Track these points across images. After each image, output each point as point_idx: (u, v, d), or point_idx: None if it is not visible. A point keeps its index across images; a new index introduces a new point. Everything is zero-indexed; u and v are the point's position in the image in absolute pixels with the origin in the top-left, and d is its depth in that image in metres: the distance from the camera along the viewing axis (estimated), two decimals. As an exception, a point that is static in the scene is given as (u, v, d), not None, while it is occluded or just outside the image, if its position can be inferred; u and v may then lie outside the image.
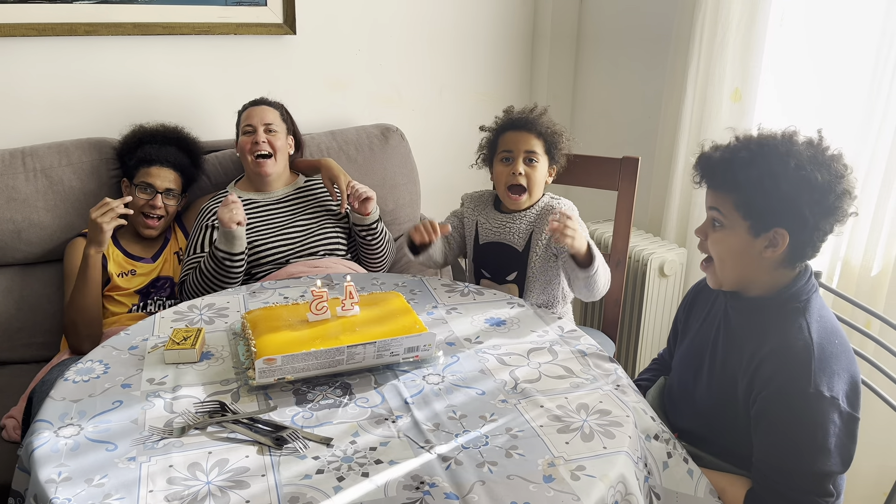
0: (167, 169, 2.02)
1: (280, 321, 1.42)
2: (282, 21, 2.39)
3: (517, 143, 1.80)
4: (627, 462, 1.15)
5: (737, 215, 1.27)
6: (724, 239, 1.30)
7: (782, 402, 1.22)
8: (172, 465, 1.11)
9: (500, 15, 2.75)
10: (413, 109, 2.72)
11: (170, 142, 2.08)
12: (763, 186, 1.23)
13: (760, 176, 1.23)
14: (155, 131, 2.10)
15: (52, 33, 2.12)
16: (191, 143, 2.14)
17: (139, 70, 2.28)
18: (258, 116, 2.06)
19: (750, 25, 2.07)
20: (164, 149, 2.04)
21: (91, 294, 1.82)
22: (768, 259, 1.27)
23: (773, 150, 1.24)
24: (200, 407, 1.25)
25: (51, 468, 1.09)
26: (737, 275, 1.32)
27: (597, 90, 2.80)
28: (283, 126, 2.11)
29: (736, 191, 1.26)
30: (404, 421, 1.23)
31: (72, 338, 1.84)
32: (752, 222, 1.25)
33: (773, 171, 1.22)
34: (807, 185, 1.21)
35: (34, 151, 2.08)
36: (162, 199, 1.99)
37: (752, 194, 1.24)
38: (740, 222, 1.27)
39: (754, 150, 1.26)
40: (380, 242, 2.10)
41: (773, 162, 1.23)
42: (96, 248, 1.79)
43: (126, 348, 1.45)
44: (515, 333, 1.53)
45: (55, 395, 1.28)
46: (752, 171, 1.24)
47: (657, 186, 2.45)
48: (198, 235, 2.02)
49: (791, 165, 1.21)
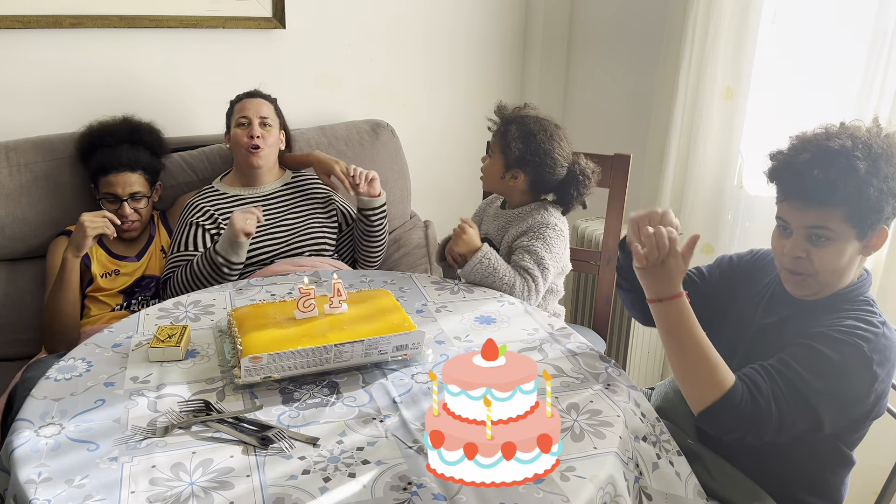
0: (125, 173, 1.93)
1: (267, 319, 1.40)
2: (271, 15, 2.37)
3: (491, 136, 1.87)
4: (617, 463, 1.14)
5: (846, 226, 1.20)
6: (835, 251, 1.22)
7: (840, 342, 1.17)
8: (155, 465, 1.09)
9: (492, 11, 2.73)
10: (404, 105, 2.70)
11: (121, 140, 1.98)
12: (868, 197, 1.17)
13: (864, 183, 1.17)
14: (104, 132, 2.00)
15: (37, 25, 2.09)
16: (145, 134, 2.04)
17: (125, 63, 2.25)
18: (254, 109, 2.03)
19: (742, 23, 2.07)
20: (116, 152, 1.94)
21: (68, 299, 1.77)
22: (866, 255, 1.25)
23: (861, 154, 1.18)
24: (185, 406, 1.23)
25: (31, 468, 1.07)
26: (837, 282, 1.26)
27: (588, 87, 2.79)
28: (276, 121, 2.09)
29: (844, 203, 1.19)
30: (392, 420, 1.21)
31: (47, 341, 1.81)
32: (860, 228, 1.21)
33: (872, 182, 1.17)
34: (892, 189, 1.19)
35: (18, 146, 2.05)
36: (129, 205, 1.93)
37: (860, 205, 1.18)
38: (849, 231, 1.21)
39: (845, 159, 1.18)
40: (384, 226, 2.09)
41: (879, 165, 1.18)
42: (75, 252, 1.75)
43: (109, 346, 1.42)
44: (505, 332, 1.52)
45: (36, 394, 1.26)
46: (853, 179, 1.17)
47: (648, 184, 2.44)
48: (183, 232, 1.98)
49: (882, 167, 1.17)
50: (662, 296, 1.21)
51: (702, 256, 2.31)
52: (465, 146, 2.75)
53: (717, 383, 1.17)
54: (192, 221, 1.98)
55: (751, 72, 2.11)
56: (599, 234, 2.35)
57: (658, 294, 1.22)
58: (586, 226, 2.47)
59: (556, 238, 1.77)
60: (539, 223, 1.77)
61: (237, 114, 2.04)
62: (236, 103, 2.08)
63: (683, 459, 1.29)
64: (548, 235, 1.75)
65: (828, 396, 1.17)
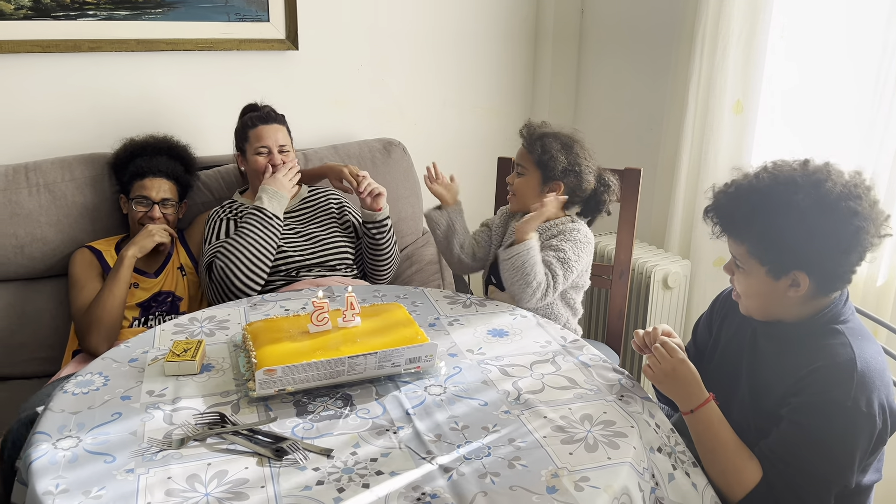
0: (160, 179, 2.03)
1: (281, 332, 1.41)
2: (284, 37, 2.41)
3: (517, 156, 1.91)
4: (631, 473, 1.13)
5: (753, 261, 1.27)
6: (747, 281, 1.30)
7: (818, 408, 1.20)
8: (171, 476, 1.10)
9: (502, 29, 2.77)
10: (415, 124, 2.73)
11: (160, 152, 2.08)
12: (769, 237, 1.23)
13: (765, 228, 1.23)
14: (145, 143, 2.10)
15: (57, 50, 2.14)
16: (181, 151, 2.14)
17: (143, 86, 2.29)
18: (272, 138, 2.06)
19: (750, 38, 2.08)
20: (154, 159, 2.05)
21: (119, 294, 1.85)
22: (794, 297, 1.26)
23: (774, 200, 1.22)
24: (200, 418, 1.24)
25: (48, 480, 1.08)
26: (765, 311, 1.32)
27: (598, 103, 2.81)
28: (290, 142, 2.12)
29: (745, 242, 1.26)
30: (406, 432, 1.21)
31: (92, 336, 1.83)
32: (769, 267, 1.25)
33: (776, 223, 1.22)
34: (813, 233, 1.20)
35: (37, 166, 2.09)
36: (159, 209, 2.00)
37: (761, 245, 1.24)
38: (758, 267, 1.26)
39: (754, 202, 1.24)
40: (388, 242, 2.09)
41: (776, 213, 1.22)
42: (136, 251, 1.88)
43: (126, 360, 1.44)
44: (518, 344, 1.52)
45: (54, 408, 1.27)
46: (756, 223, 1.24)
47: (660, 198, 2.45)
48: (216, 227, 2.03)
49: (794, 216, 1.20)
50: (693, 406, 1.30)
51: (717, 271, 2.30)
52: (476, 163, 2.77)
53: (742, 481, 1.25)
54: (224, 217, 2.05)
55: (760, 86, 2.12)
56: (611, 248, 2.35)
57: (689, 405, 1.30)
58: (598, 241, 2.47)
59: (586, 244, 1.83)
60: (570, 229, 1.83)
61: (255, 142, 2.06)
62: (251, 129, 2.08)
63: (699, 471, 1.28)
64: (578, 240, 1.81)
65: (838, 463, 1.20)
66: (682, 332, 2.40)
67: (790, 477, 1.22)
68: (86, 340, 1.85)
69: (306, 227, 2.09)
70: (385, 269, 2.13)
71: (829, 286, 1.25)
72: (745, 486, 1.25)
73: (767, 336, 1.35)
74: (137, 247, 1.89)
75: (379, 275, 2.14)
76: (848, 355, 1.21)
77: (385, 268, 2.13)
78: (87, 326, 1.84)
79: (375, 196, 2.02)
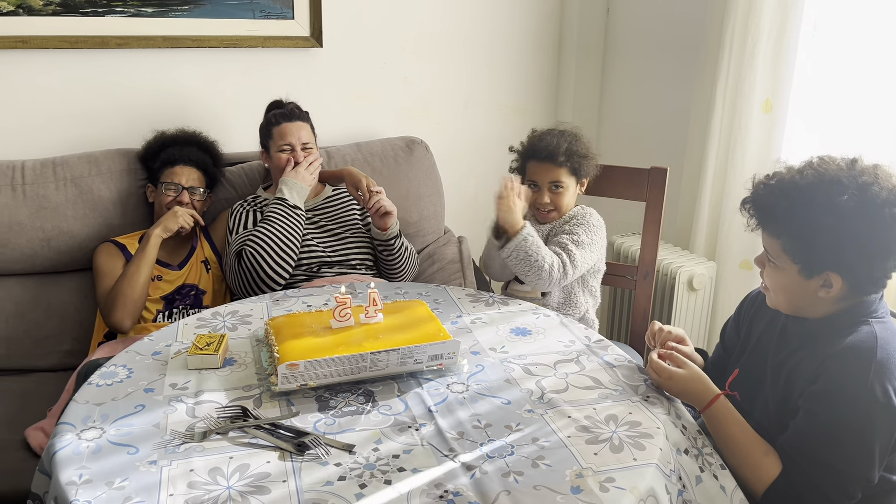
0: (190, 167, 2.07)
1: (303, 328, 1.41)
2: (309, 34, 2.41)
3: (541, 175, 1.88)
4: (657, 475, 1.11)
5: (786, 258, 1.25)
6: (777, 276, 1.28)
7: (831, 395, 1.18)
8: (193, 469, 1.09)
9: (526, 27, 2.75)
10: (438, 122, 2.72)
11: (190, 143, 2.13)
12: (804, 236, 1.21)
13: (801, 226, 1.21)
14: (175, 135, 2.15)
15: (85, 46, 2.16)
16: (210, 145, 2.18)
17: (168, 82, 2.31)
18: (295, 135, 2.06)
19: (781, 34, 2.04)
20: (185, 149, 2.10)
21: (144, 271, 1.90)
22: (824, 298, 1.24)
23: (816, 198, 1.20)
24: (222, 412, 1.24)
25: (72, 470, 1.09)
26: (792, 307, 1.30)
27: (624, 100, 2.77)
28: (314, 139, 2.12)
29: (780, 237, 1.25)
30: (428, 429, 1.20)
31: (117, 311, 1.86)
32: (802, 266, 1.23)
33: (815, 222, 1.19)
34: (852, 237, 1.17)
35: (64, 161, 2.11)
36: (188, 195, 2.03)
37: (796, 243, 1.22)
38: (790, 265, 1.25)
39: (795, 198, 1.22)
40: (397, 258, 2.09)
41: (816, 212, 1.19)
42: (162, 231, 1.93)
43: (149, 353, 1.44)
44: (541, 343, 1.50)
45: (78, 399, 1.28)
46: (794, 220, 1.21)
47: (685, 199, 2.41)
48: (242, 218, 2.05)
49: (834, 217, 1.18)
50: (702, 405, 1.30)
51: (744, 273, 2.26)
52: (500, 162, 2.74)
53: (760, 477, 1.23)
54: (248, 209, 2.07)
55: (790, 84, 2.08)
56: (635, 249, 2.32)
57: (699, 404, 1.31)
58: (622, 241, 2.45)
59: (598, 228, 1.87)
60: (581, 214, 1.88)
61: (278, 139, 2.06)
62: (275, 126, 2.09)
63: (728, 473, 1.25)
64: (591, 223, 1.85)
65: (854, 455, 1.17)
66: (708, 335, 2.37)
67: (808, 470, 1.19)
68: (111, 316, 1.87)
69: (329, 224, 2.09)
70: (399, 277, 2.14)
71: (861, 289, 1.23)
72: (763, 482, 1.23)
73: (794, 333, 1.32)
74: (162, 227, 1.93)
75: (393, 280, 2.14)
76: (869, 343, 1.18)
77: (399, 276, 2.13)
78: (112, 302, 1.87)
79: (383, 215, 2.00)
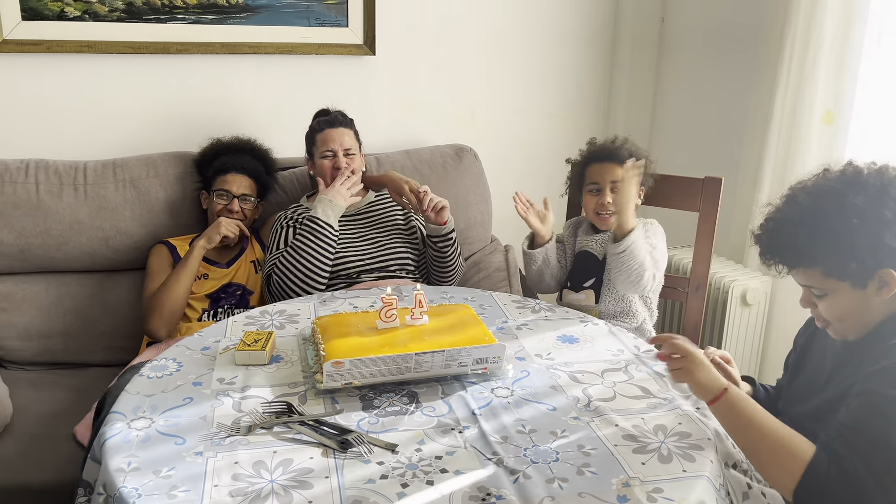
0: (242, 175, 2.11)
1: (349, 327, 1.41)
2: (362, 42, 2.44)
3: (602, 175, 1.92)
4: (708, 488, 1.07)
5: (832, 281, 1.20)
6: (836, 303, 1.22)
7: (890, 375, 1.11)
8: (238, 461, 1.10)
9: (578, 35, 2.73)
10: (487, 130, 2.72)
11: (244, 151, 2.17)
12: (840, 249, 1.16)
13: (829, 242, 1.17)
14: (230, 143, 2.19)
15: (147, 51, 2.23)
16: (264, 153, 2.22)
17: (225, 87, 2.37)
18: (338, 141, 2.08)
19: (844, 43, 1.98)
20: (238, 157, 2.13)
21: (184, 281, 1.93)
22: (886, 297, 1.19)
23: (827, 212, 1.17)
24: (268, 407, 1.25)
25: (121, 458, 1.11)
26: (862, 326, 1.24)
27: (677, 110, 2.73)
28: (357, 146, 2.14)
29: (816, 264, 1.20)
30: (471, 432, 1.19)
31: (153, 319, 1.91)
32: (851, 279, 1.18)
33: (840, 232, 1.16)
34: (881, 227, 1.14)
35: (124, 163, 2.17)
36: (238, 203, 2.06)
37: (833, 261, 1.17)
38: (840, 285, 1.19)
39: (808, 224, 1.18)
40: (453, 253, 2.09)
41: (834, 223, 1.16)
42: (206, 243, 1.96)
43: (199, 349, 1.47)
44: (589, 351, 1.48)
45: (130, 389, 1.31)
46: (820, 240, 1.17)
47: (740, 211, 2.34)
48: (279, 235, 2.06)
49: (852, 217, 1.15)
50: (709, 398, 1.19)
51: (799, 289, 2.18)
52: (548, 171, 2.72)
53: (790, 469, 1.10)
54: (284, 225, 2.07)
55: (853, 95, 2.01)
56: (687, 261, 2.26)
57: (706, 396, 1.20)
58: (673, 254, 2.39)
59: (663, 240, 1.94)
60: (649, 226, 1.92)
61: (321, 145, 2.09)
62: (318, 132, 2.11)
63: (776, 493, 1.20)
64: (659, 234, 1.92)
65: None
66: (761, 353, 2.29)
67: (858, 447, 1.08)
68: (147, 322, 1.92)
69: (369, 231, 2.09)
70: (448, 278, 2.13)
71: None
72: (793, 469, 1.09)
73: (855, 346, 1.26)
74: (206, 238, 1.96)
75: (443, 283, 2.14)
76: None
77: (450, 276, 2.13)
78: (150, 310, 1.92)
79: (440, 210, 2.01)
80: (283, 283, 1.92)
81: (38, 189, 2.07)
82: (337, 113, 2.17)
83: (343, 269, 2.00)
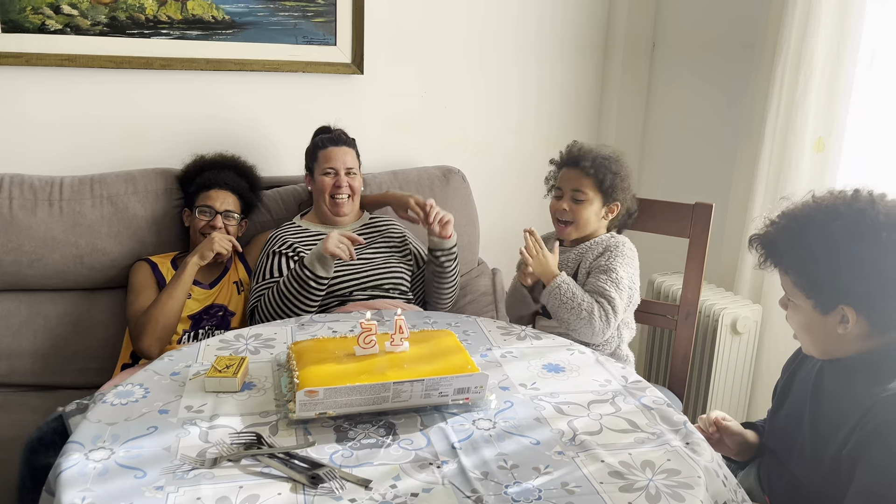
0: (225, 192, 2.06)
1: (326, 353, 1.36)
2: (350, 61, 2.41)
3: (566, 182, 1.86)
4: (698, 530, 1.02)
5: (799, 294, 1.22)
6: (797, 315, 1.25)
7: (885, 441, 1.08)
8: (200, 497, 1.04)
9: (569, 59, 2.71)
10: (476, 152, 2.68)
11: (228, 167, 2.12)
12: (808, 267, 1.18)
13: (803, 257, 1.18)
14: (213, 159, 2.15)
15: (129, 66, 2.19)
16: (248, 170, 2.17)
17: (210, 104, 2.32)
18: (340, 160, 2.05)
19: (836, 66, 1.95)
20: (222, 173, 2.09)
21: (178, 297, 1.88)
22: (846, 335, 1.18)
23: (810, 229, 1.18)
24: (236, 438, 1.18)
25: (75, 492, 1.04)
26: (819, 349, 1.25)
27: (667, 136, 2.70)
28: (358, 165, 2.10)
29: (788, 272, 1.23)
30: (450, 467, 1.13)
31: (146, 337, 1.85)
32: (816, 301, 1.19)
33: (812, 252, 1.17)
34: (849, 264, 1.13)
35: (102, 178, 2.12)
36: (221, 219, 2.01)
37: (802, 276, 1.19)
38: (805, 301, 1.21)
39: (793, 230, 1.21)
40: (454, 269, 2.07)
41: (810, 242, 1.17)
42: (199, 259, 1.91)
43: (168, 374, 1.41)
44: (575, 381, 1.42)
45: (91, 418, 1.24)
46: (795, 253, 1.19)
47: (730, 238, 2.31)
48: (267, 263, 2.01)
49: (829, 244, 1.15)
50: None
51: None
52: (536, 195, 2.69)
53: None
54: (275, 251, 2.01)
55: (845, 122, 1.98)
56: (676, 288, 2.23)
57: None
58: (662, 280, 2.35)
59: (633, 259, 1.81)
60: (614, 245, 1.81)
61: (323, 162, 2.06)
62: (322, 149, 2.08)
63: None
64: (625, 254, 1.80)
65: None
66: (751, 381, 2.24)
67: None
68: (139, 341, 1.86)
69: (363, 251, 2.05)
70: (448, 296, 2.11)
71: (883, 324, 1.15)
72: None
73: (829, 373, 1.26)
74: (199, 254, 1.92)
75: (441, 302, 2.12)
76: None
77: (448, 294, 2.10)
78: (142, 327, 1.85)
79: (445, 224, 1.98)
80: (266, 320, 1.88)
81: (11, 204, 2.01)
82: (340, 131, 2.15)
83: (336, 289, 1.96)
